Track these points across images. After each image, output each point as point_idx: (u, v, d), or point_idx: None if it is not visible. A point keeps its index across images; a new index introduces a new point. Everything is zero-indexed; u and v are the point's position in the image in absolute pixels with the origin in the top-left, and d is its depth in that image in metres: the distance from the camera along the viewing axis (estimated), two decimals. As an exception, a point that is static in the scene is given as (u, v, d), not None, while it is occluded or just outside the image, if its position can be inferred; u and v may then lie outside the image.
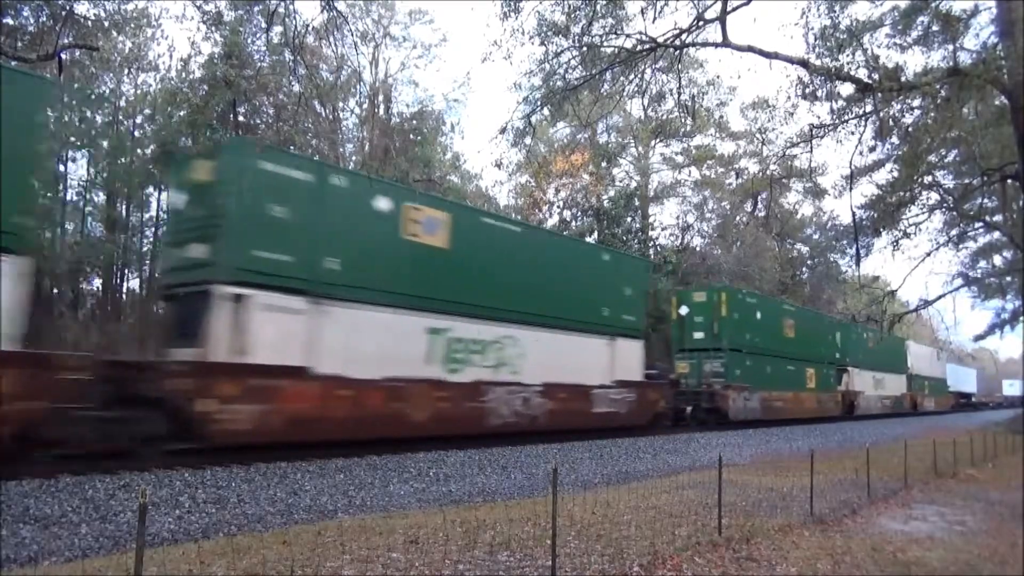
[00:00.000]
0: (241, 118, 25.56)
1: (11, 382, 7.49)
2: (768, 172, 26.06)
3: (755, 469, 11.95)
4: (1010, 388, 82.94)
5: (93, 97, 23.28)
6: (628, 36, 14.06)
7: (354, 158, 30.13)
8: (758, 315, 24.57)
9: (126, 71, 26.91)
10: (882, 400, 35.67)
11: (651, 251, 37.18)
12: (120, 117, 26.56)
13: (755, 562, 5.77)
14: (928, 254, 26.85)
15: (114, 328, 21.75)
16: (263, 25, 20.21)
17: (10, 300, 7.84)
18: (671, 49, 14.24)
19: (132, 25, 23.50)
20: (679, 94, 16.26)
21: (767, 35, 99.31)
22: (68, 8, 19.35)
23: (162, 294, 11.93)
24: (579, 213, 37.80)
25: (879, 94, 13.13)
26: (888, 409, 36.10)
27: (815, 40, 13.83)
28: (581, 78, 14.50)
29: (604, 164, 38.13)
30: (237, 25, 23.75)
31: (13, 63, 15.95)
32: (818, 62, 13.64)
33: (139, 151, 26.03)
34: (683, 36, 13.87)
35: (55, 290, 21.09)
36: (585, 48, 14.06)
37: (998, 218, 25.67)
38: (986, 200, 24.94)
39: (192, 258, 10.30)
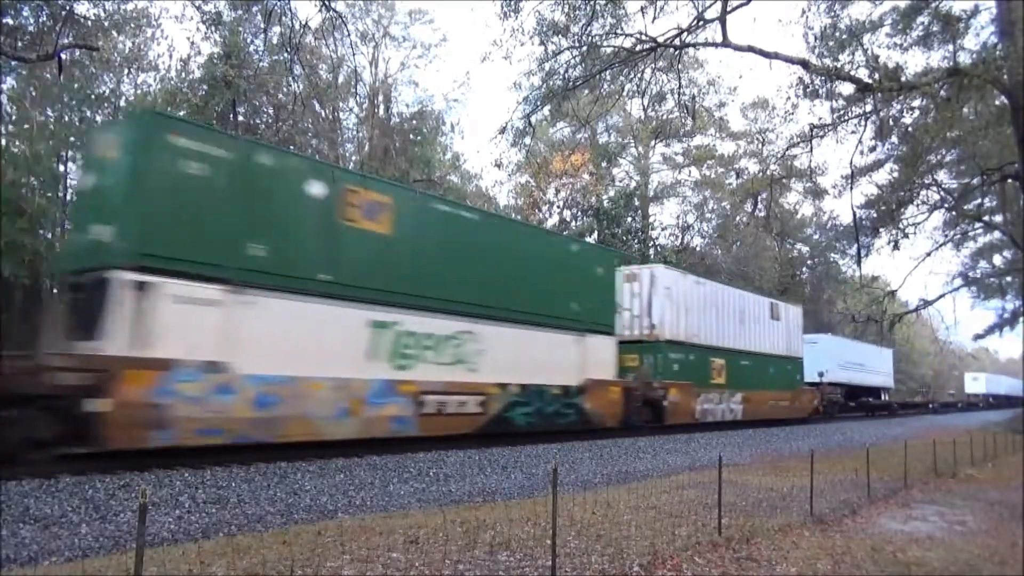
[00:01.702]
0: (241, 118, 25.56)
1: None
2: (768, 172, 26.08)
3: (755, 469, 11.95)
4: (974, 384, 66.29)
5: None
6: (628, 36, 14.08)
7: (354, 158, 30.14)
8: None
9: (126, 71, 26.90)
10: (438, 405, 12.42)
11: (651, 251, 37.20)
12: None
13: (755, 562, 5.77)
14: (928, 254, 26.97)
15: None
16: (262, 25, 20.23)
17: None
18: (671, 49, 14.26)
19: (132, 25, 23.51)
20: (679, 94, 16.31)
21: (767, 35, 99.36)
22: (68, 8, 19.35)
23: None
24: (579, 213, 37.82)
25: (879, 94, 13.15)
26: (457, 427, 12.87)
27: (815, 40, 13.88)
28: (581, 78, 14.52)
29: (604, 164, 38.16)
30: (236, 25, 23.77)
31: (13, 63, 15.96)
32: (818, 62, 13.68)
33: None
34: (683, 36, 13.89)
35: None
36: (585, 48, 14.08)
37: (998, 218, 25.70)
38: (986, 200, 24.97)
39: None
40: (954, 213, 25.48)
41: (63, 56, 19.57)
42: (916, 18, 17.07)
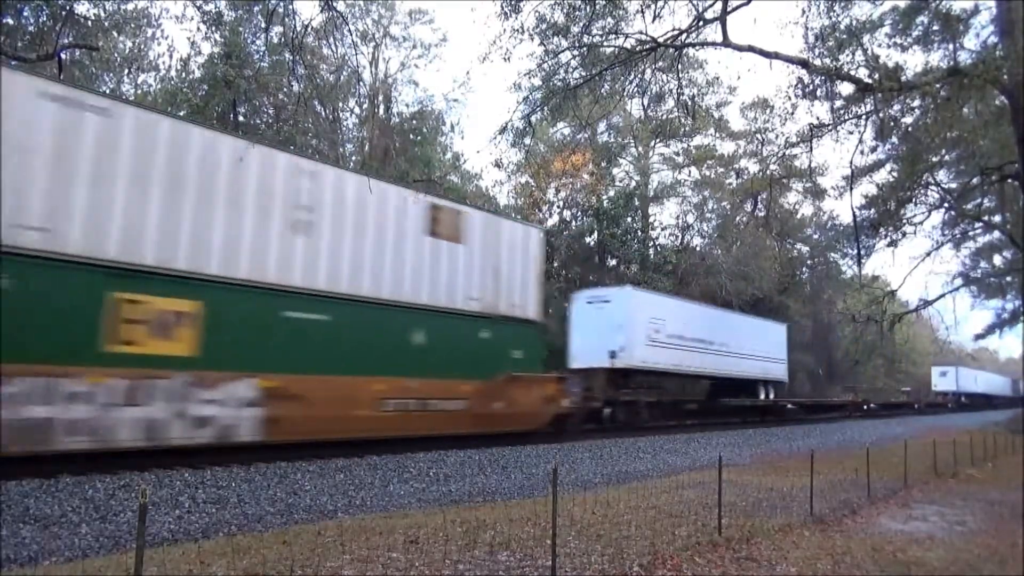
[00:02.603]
0: (241, 118, 25.56)
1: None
2: (768, 172, 26.08)
3: (755, 469, 11.95)
4: (942, 380, 56.89)
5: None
6: (628, 36, 14.06)
7: (354, 158, 30.13)
8: None
9: (126, 71, 26.87)
10: None
11: (651, 251, 37.18)
12: None
13: (755, 562, 5.77)
14: (928, 254, 26.94)
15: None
16: (263, 25, 20.25)
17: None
18: (671, 49, 14.24)
19: (132, 25, 23.50)
20: (679, 94, 16.27)
21: (767, 34, 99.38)
22: (68, 8, 19.35)
23: None
24: (579, 213, 37.80)
25: (879, 94, 13.14)
26: None
27: (815, 40, 13.86)
28: (581, 78, 14.50)
29: (604, 164, 38.13)
30: (237, 25, 23.77)
31: (13, 63, 15.95)
32: (818, 62, 13.66)
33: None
34: (683, 36, 13.88)
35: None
36: (585, 48, 14.07)
37: (998, 218, 25.70)
38: (986, 200, 24.97)
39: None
40: (954, 213, 25.48)
41: (63, 56, 19.59)
42: (916, 18, 17.07)
